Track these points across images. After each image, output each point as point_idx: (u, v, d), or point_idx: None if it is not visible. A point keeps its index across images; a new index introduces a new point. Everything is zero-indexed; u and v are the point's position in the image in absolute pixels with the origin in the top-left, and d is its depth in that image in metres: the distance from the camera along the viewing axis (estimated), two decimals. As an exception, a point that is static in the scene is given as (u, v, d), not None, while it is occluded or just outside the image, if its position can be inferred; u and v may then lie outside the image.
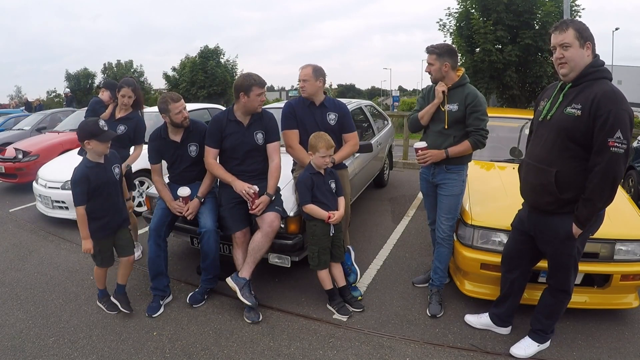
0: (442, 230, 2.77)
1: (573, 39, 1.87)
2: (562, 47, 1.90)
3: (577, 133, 1.88)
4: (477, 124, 2.61)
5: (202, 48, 24.33)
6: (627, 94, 2.05)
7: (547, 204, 2.03)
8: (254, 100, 2.76)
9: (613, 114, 1.77)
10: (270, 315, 2.79)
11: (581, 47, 1.88)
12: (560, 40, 1.90)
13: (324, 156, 2.68)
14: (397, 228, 4.44)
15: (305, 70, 2.91)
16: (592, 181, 1.85)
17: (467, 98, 2.62)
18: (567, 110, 1.92)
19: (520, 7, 8.97)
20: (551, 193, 1.98)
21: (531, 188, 2.12)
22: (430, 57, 2.66)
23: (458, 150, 2.65)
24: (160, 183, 3.00)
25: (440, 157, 2.67)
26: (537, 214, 2.14)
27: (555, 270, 2.17)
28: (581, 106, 1.86)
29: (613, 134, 1.77)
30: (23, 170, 6.12)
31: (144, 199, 4.93)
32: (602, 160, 1.81)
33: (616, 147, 1.78)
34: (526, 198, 2.22)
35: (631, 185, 5.53)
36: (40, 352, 2.43)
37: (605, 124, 1.78)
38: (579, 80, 1.92)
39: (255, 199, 2.70)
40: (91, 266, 3.61)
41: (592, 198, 1.87)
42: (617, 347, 2.43)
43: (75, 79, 28.13)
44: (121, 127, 3.41)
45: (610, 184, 1.84)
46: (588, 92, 1.86)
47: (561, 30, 1.90)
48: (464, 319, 2.67)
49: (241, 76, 2.85)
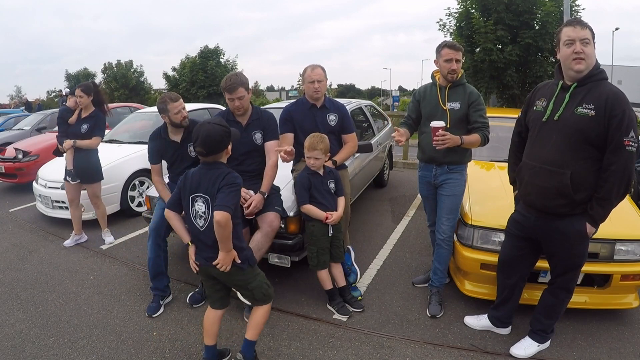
0: (443, 231, 2.76)
1: (591, 37, 1.89)
2: (583, 42, 1.87)
3: (592, 133, 1.88)
4: (483, 120, 2.61)
5: (202, 48, 24.38)
6: (627, 94, 2.06)
7: (559, 207, 1.99)
8: (229, 103, 2.78)
9: (627, 114, 1.82)
10: (271, 315, 2.78)
11: (594, 47, 1.91)
12: (582, 36, 1.87)
13: (309, 157, 2.70)
14: (397, 228, 4.44)
15: (318, 71, 2.91)
16: (608, 180, 1.86)
17: (470, 96, 2.62)
18: (579, 111, 1.90)
19: (520, 7, 8.98)
20: (565, 195, 1.94)
21: (539, 191, 2.04)
22: (457, 53, 2.56)
23: (470, 140, 2.57)
24: (160, 183, 2.99)
25: (457, 143, 2.52)
26: (545, 218, 2.07)
27: (564, 271, 2.15)
28: (594, 106, 1.86)
29: (628, 133, 1.81)
30: (23, 170, 6.13)
31: (144, 199, 4.93)
32: (618, 160, 1.83)
33: (631, 146, 1.82)
34: (531, 202, 2.11)
35: (631, 185, 5.53)
36: (40, 352, 2.43)
37: (621, 124, 1.81)
38: (585, 80, 1.91)
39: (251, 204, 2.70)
40: (91, 266, 3.62)
41: (608, 197, 1.88)
42: (617, 347, 2.43)
43: (75, 79, 28.16)
44: (84, 125, 3.87)
45: (625, 182, 1.87)
46: (597, 92, 1.87)
47: (583, 26, 1.89)
48: (463, 320, 2.66)
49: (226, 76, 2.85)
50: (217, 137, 1.96)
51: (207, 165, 2.01)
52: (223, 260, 1.96)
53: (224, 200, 1.88)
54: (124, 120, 6.43)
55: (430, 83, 2.80)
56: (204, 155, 1.99)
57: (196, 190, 2.00)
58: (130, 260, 3.74)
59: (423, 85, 2.89)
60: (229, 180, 1.95)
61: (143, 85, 28.83)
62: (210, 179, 1.97)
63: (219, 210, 1.85)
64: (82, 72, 28.65)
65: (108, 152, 5.14)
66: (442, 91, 2.68)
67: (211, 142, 1.95)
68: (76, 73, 28.62)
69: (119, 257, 3.80)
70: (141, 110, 6.88)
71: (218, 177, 1.96)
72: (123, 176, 4.82)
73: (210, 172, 1.99)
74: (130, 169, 4.88)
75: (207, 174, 1.99)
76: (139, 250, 3.94)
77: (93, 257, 3.82)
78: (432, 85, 2.77)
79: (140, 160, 4.88)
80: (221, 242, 1.92)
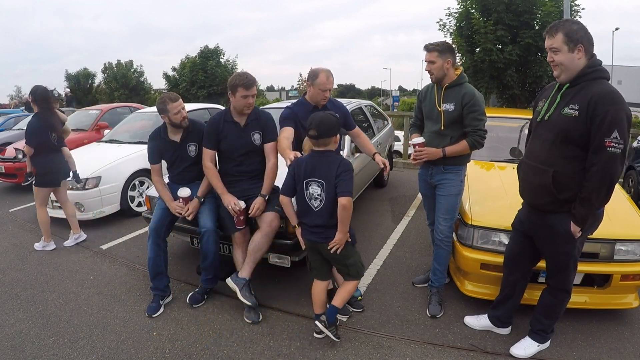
0: (440, 231, 2.76)
1: (561, 43, 1.89)
2: (552, 51, 1.93)
3: (575, 133, 1.89)
4: (475, 124, 2.57)
5: (202, 48, 24.36)
6: (627, 94, 2.07)
7: (546, 204, 2.04)
8: (238, 101, 2.74)
9: (610, 114, 1.78)
10: (270, 315, 2.79)
11: (570, 51, 1.89)
12: (550, 45, 1.94)
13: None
14: (397, 228, 4.44)
15: (332, 79, 2.84)
16: (589, 180, 1.87)
17: (464, 98, 2.57)
18: (565, 111, 1.93)
19: (520, 7, 8.97)
20: (550, 193, 1.99)
21: (530, 188, 2.13)
22: (430, 54, 2.58)
23: (455, 150, 2.62)
24: (160, 183, 2.99)
25: (437, 156, 2.64)
26: (536, 213, 2.14)
27: (555, 270, 2.18)
28: (578, 107, 1.87)
29: (610, 134, 1.79)
30: (23, 170, 6.12)
31: (144, 199, 4.93)
32: (599, 160, 1.83)
33: (613, 147, 1.79)
34: (525, 198, 2.22)
35: (631, 185, 5.53)
36: (40, 352, 2.43)
37: (602, 124, 1.80)
38: (576, 80, 1.93)
39: (240, 216, 2.69)
40: (91, 266, 3.62)
41: (589, 197, 1.89)
42: (617, 347, 2.43)
43: (75, 79, 28.08)
44: None
45: (607, 184, 1.86)
46: (585, 92, 1.88)
47: (550, 35, 1.93)
48: (463, 320, 2.66)
49: (233, 74, 2.83)
50: (329, 123, 2.23)
51: (319, 153, 2.29)
52: (340, 240, 2.28)
53: (346, 187, 2.20)
54: (124, 120, 6.43)
55: (433, 83, 2.80)
56: (315, 138, 2.25)
57: (311, 176, 2.28)
58: (130, 260, 3.74)
59: (426, 86, 2.90)
60: (345, 167, 2.24)
61: (143, 85, 28.78)
62: (325, 165, 2.26)
63: (344, 196, 2.18)
64: (82, 72, 28.55)
65: (108, 152, 5.16)
66: (439, 92, 2.67)
67: (324, 126, 2.22)
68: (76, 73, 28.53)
69: (119, 257, 3.80)
70: (141, 110, 6.88)
71: (332, 163, 2.25)
72: (123, 176, 4.81)
73: (323, 159, 2.28)
74: (130, 169, 4.88)
75: (320, 161, 2.27)
76: (139, 250, 3.94)
77: (93, 257, 3.82)
78: (433, 85, 2.77)
79: (140, 160, 4.88)
80: (341, 224, 2.24)
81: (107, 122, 7.31)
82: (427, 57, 2.61)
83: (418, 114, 2.92)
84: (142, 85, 28.68)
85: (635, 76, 29.33)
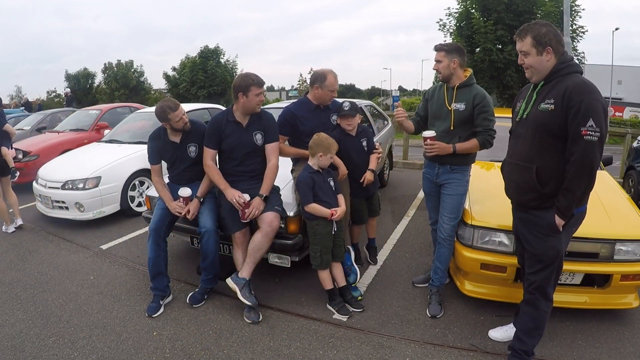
0: (444, 230, 2.76)
1: (530, 47, 1.94)
2: (522, 54, 1.99)
3: (554, 127, 1.92)
4: (486, 124, 2.61)
5: (202, 48, 24.42)
6: (627, 94, 2.09)
7: (531, 200, 2.06)
8: (252, 100, 2.75)
9: (585, 103, 1.82)
10: (270, 315, 2.79)
11: (539, 53, 1.94)
12: (519, 48, 2.00)
13: (324, 158, 2.74)
14: (397, 228, 4.44)
15: (337, 80, 2.95)
16: (569, 170, 1.89)
17: (476, 98, 2.60)
18: (542, 107, 1.96)
19: (520, 7, 9.00)
20: (534, 189, 2.01)
21: (515, 186, 2.15)
22: (438, 54, 2.64)
23: (465, 147, 2.63)
24: (160, 183, 2.99)
25: (447, 151, 2.64)
26: (521, 211, 2.16)
27: (536, 266, 2.09)
28: (554, 100, 1.91)
29: (585, 122, 1.82)
30: (23, 170, 6.12)
31: (144, 199, 4.93)
32: (578, 149, 1.85)
33: (589, 135, 1.82)
34: (510, 196, 2.24)
35: (631, 185, 5.53)
36: (40, 352, 2.43)
37: (577, 114, 1.83)
38: (550, 77, 1.97)
39: (245, 208, 2.69)
40: (91, 266, 3.63)
41: (571, 187, 1.90)
42: (617, 347, 2.43)
43: (75, 79, 28.11)
44: None
45: (587, 172, 1.87)
46: (559, 87, 1.92)
47: (520, 39, 1.98)
48: (488, 335, 2.51)
49: (239, 76, 2.84)
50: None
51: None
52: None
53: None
54: (124, 120, 6.43)
55: (441, 83, 2.81)
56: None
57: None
58: (130, 260, 3.74)
59: (433, 85, 2.93)
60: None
61: (143, 85, 28.82)
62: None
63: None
64: (82, 72, 28.58)
65: (108, 152, 5.16)
66: (449, 91, 2.68)
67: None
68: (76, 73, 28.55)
69: (119, 257, 3.80)
70: (141, 110, 6.87)
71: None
72: (123, 176, 4.82)
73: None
74: (130, 169, 4.88)
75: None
76: (139, 250, 3.94)
77: (93, 257, 3.82)
78: (441, 85, 2.78)
79: (140, 160, 4.88)
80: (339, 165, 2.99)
81: (107, 122, 7.30)
82: (435, 56, 2.67)
83: (421, 112, 2.93)
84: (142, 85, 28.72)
85: (635, 76, 29.26)
